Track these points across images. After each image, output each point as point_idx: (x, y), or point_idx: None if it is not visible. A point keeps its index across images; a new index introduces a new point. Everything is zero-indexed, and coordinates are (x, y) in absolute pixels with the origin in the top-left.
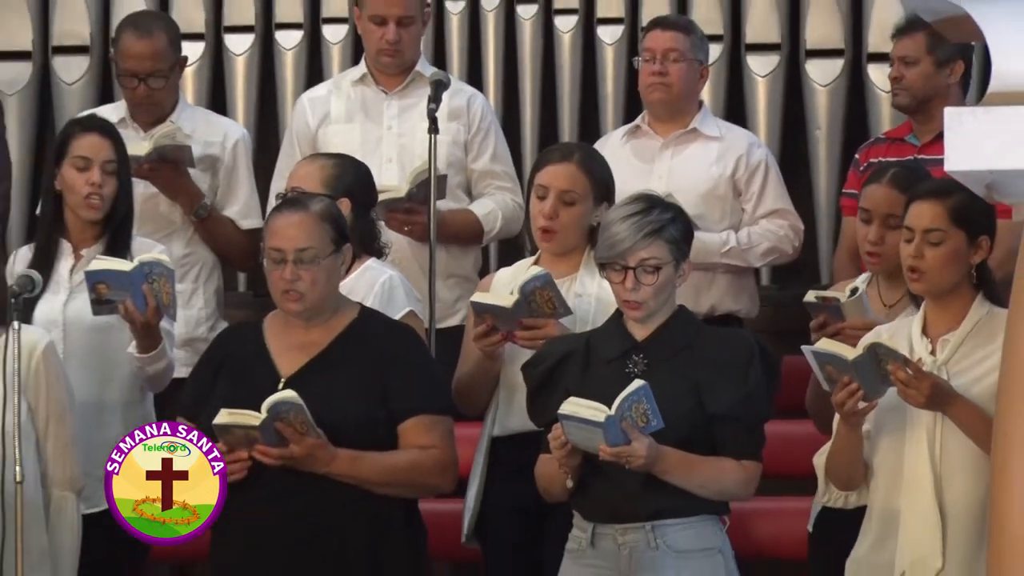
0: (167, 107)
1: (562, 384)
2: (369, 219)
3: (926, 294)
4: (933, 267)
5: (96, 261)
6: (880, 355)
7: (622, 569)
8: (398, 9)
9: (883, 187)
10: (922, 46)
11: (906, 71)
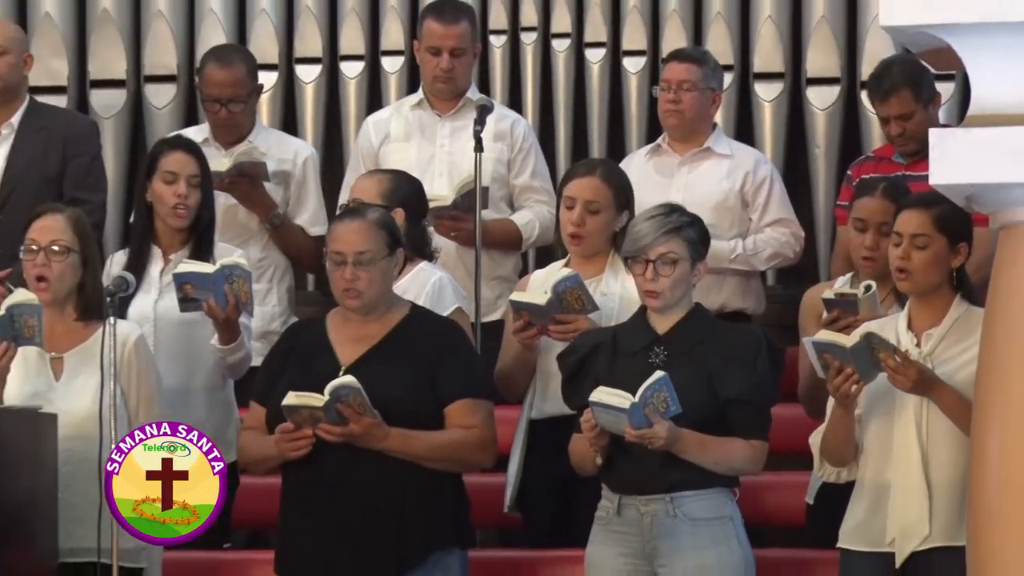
0: (245, 129)
1: (592, 373)
2: (421, 227)
3: (911, 292)
4: (918, 268)
5: (183, 264)
6: (873, 344)
7: (644, 535)
8: (452, 41)
9: (876, 199)
10: (910, 100)
11: (905, 125)
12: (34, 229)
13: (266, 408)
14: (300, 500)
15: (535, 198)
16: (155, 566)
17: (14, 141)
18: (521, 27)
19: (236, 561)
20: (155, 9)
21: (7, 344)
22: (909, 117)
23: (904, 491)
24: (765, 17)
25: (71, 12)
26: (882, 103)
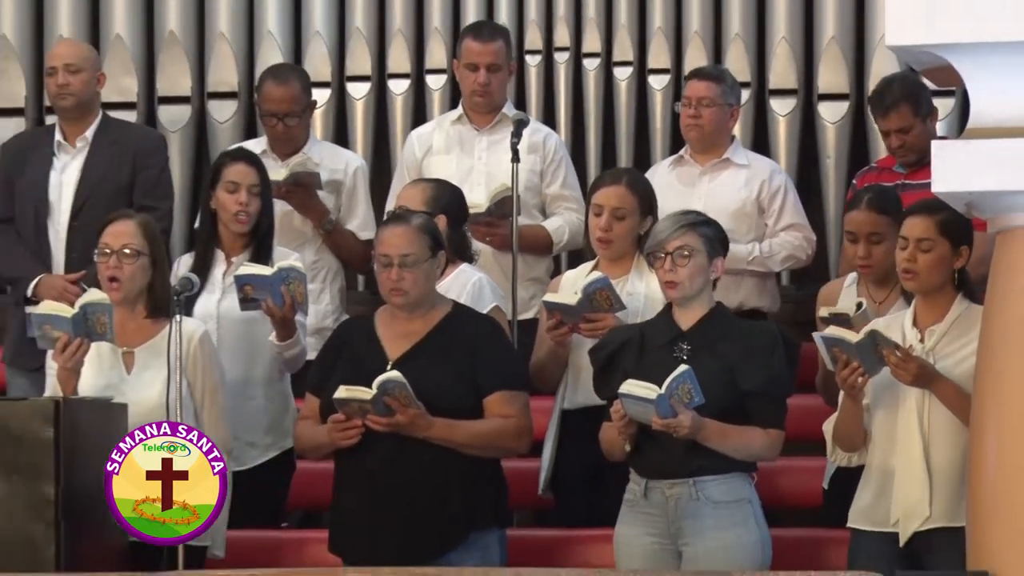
0: (300, 141)
1: (621, 366)
2: (462, 232)
3: (917, 291)
4: (924, 269)
5: (243, 267)
6: (877, 340)
7: (669, 516)
8: (488, 58)
9: (862, 212)
10: (909, 114)
11: (904, 138)
12: (107, 234)
13: (320, 399)
14: (351, 484)
15: (565, 206)
16: (218, 544)
17: (88, 154)
18: (555, 47)
19: (293, 539)
20: (217, 31)
21: (81, 339)
22: (908, 130)
23: (907, 476)
24: (779, 38)
25: (140, 33)
26: (883, 117)
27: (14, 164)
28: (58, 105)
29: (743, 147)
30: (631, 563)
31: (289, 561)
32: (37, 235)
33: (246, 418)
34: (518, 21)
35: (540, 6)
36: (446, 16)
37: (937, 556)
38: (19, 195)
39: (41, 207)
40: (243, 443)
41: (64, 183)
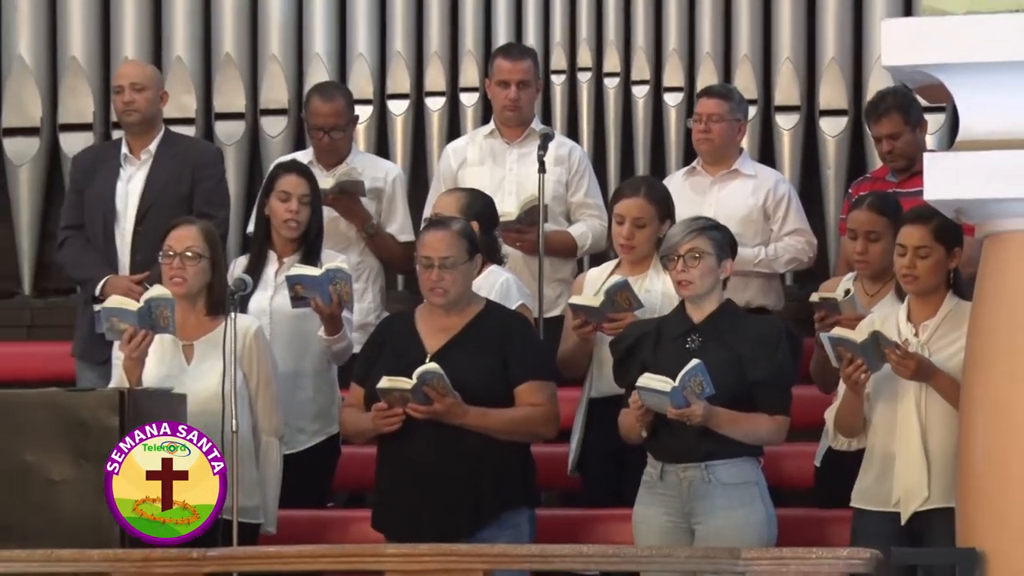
0: (344, 152)
1: (639, 357)
2: (492, 236)
3: (917, 294)
4: (923, 274)
5: (294, 268)
6: (879, 340)
7: (683, 497)
8: (518, 75)
9: (863, 211)
10: (900, 122)
11: (894, 144)
12: (171, 238)
13: (364, 389)
14: (393, 467)
15: (589, 213)
16: (270, 522)
17: (152, 165)
18: (578, 68)
19: (339, 518)
20: (270, 53)
21: (146, 331)
22: (898, 137)
23: (907, 460)
24: (784, 58)
25: (198, 55)
26: (876, 123)
27: (84, 175)
28: (124, 121)
29: (750, 159)
30: (648, 540)
31: (335, 538)
32: (105, 240)
33: (296, 406)
34: (544, 43)
35: (565, 29)
36: (478, 39)
37: (936, 534)
38: (88, 203)
39: (108, 214)
40: (293, 429)
41: (130, 192)
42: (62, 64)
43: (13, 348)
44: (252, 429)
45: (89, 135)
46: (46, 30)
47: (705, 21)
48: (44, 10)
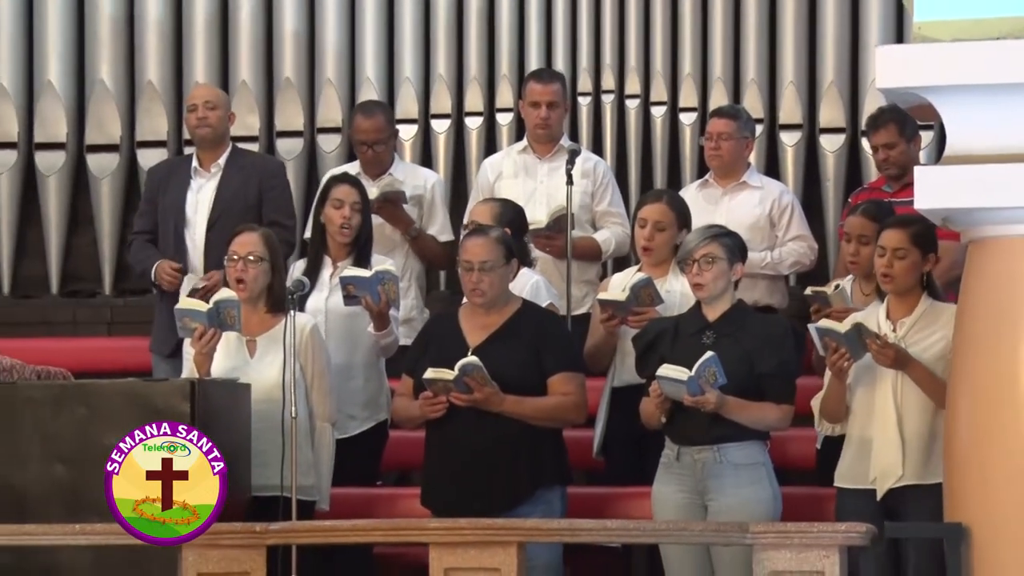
0: (387, 163)
1: (659, 351)
2: (522, 242)
3: (893, 292)
4: (900, 274)
5: (347, 270)
6: (861, 331)
7: (697, 476)
8: (548, 97)
9: (857, 218)
10: (895, 132)
11: (889, 153)
12: (235, 243)
13: (413, 380)
14: (439, 450)
15: (612, 221)
16: (324, 499)
17: (221, 178)
18: (602, 90)
19: (387, 496)
20: (325, 77)
21: (215, 329)
22: (893, 147)
23: (883, 442)
24: (788, 82)
25: (261, 79)
26: (874, 134)
27: (158, 187)
28: (196, 135)
29: (757, 172)
30: (666, 515)
31: (383, 513)
32: (176, 245)
33: (348, 395)
34: (572, 68)
35: (590, 56)
36: (512, 64)
37: (910, 508)
38: (162, 212)
39: (179, 222)
40: (345, 416)
41: (200, 202)
42: (139, 87)
43: (95, 343)
44: (308, 416)
45: (164, 151)
46: (124, 57)
47: (717, 48)
48: (123, 38)
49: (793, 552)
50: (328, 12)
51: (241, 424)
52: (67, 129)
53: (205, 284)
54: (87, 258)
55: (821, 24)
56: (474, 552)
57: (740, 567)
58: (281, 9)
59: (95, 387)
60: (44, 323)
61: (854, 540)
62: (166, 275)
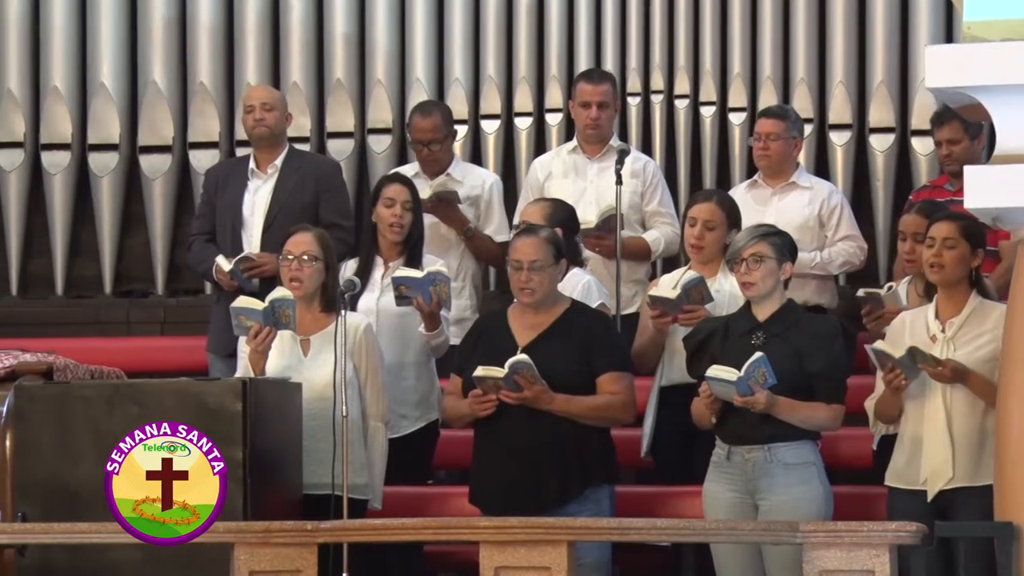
0: (444, 163)
1: (709, 351)
2: (574, 241)
3: (941, 283)
4: (949, 263)
5: (399, 270)
6: (915, 355)
7: (747, 475)
8: (598, 97)
9: (912, 216)
10: (960, 129)
11: (953, 149)
12: (289, 243)
13: (462, 378)
14: (488, 448)
15: (661, 221)
16: (376, 498)
17: (277, 178)
18: (651, 90)
19: (439, 494)
20: (375, 78)
21: (270, 328)
22: (957, 143)
23: (933, 443)
24: (837, 81)
25: (312, 80)
26: (939, 129)
27: (216, 188)
28: (253, 135)
29: (807, 172)
30: (716, 514)
31: (434, 512)
32: (234, 246)
33: (399, 395)
34: (621, 68)
35: (640, 56)
36: (562, 65)
37: (959, 510)
38: (219, 213)
39: (237, 223)
40: (397, 415)
41: (256, 203)
42: (191, 89)
43: (149, 342)
44: (361, 415)
45: (216, 152)
46: (177, 58)
47: (766, 48)
48: (175, 40)
49: (843, 551)
50: (378, 13)
51: (293, 423)
52: (120, 130)
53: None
54: (140, 258)
55: (871, 24)
56: (524, 551)
57: (790, 566)
58: (332, 11)
59: (148, 386)
60: (97, 323)
61: (904, 539)
62: (222, 274)
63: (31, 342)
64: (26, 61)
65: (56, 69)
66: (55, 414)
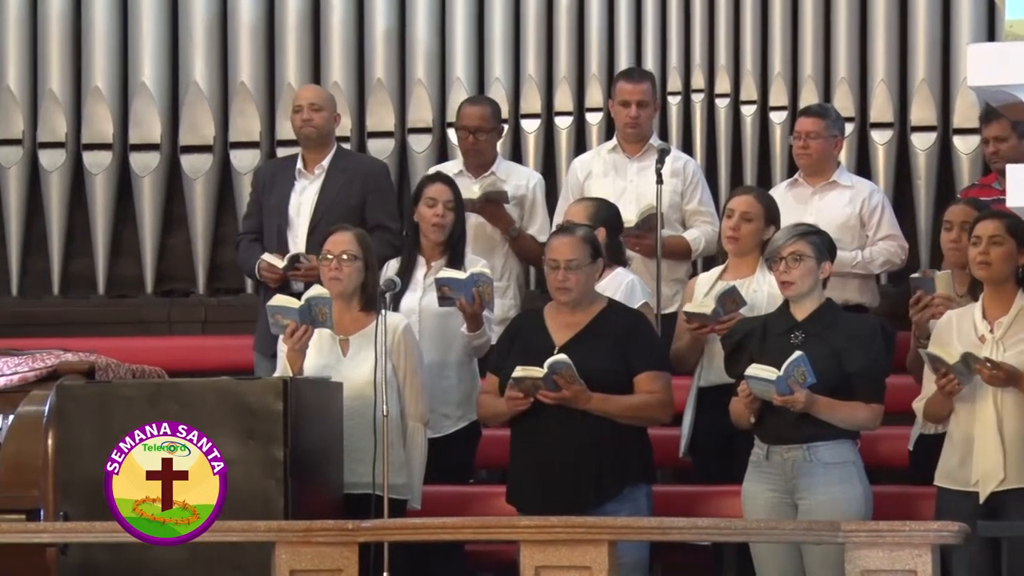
0: (488, 158)
1: (747, 351)
2: (617, 241)
3: (988, 280)
4: (996, 260)
5: (442, 272)
6: (969, 361)
7: (787, 475)
8: (637, 96)
9: (960, 206)
10: (1007, 127)
11: (1000, 146)
12: (329, 242)
13: (498, 377)
14: (525, 447)
15: (702, 220)
16: (416, 498)
17: (324, 179)
18: (692, 89)
19: (479, 494)
20: (416, 78)
21: (306, 326)
22: (1004, 140)
23: (984, 444)
24: (879, 80)
25: (353, 80)
26: (986, 126)
27: (264, 188)
28: (301, 135)
29: (848, 171)
30: (755, 514)
31: (475, 512)
32: (279, 246)
33: (441, 394)
34: (662, 67)
35: (680, 55)
36: (602, 64)
37: (1011, 511)
38: (267, 213)
39: (283, 223)
40: (439, 415)
41: (303, 203)
42: (232, 88)
43: (190, 341)
44: (400, 414)
45: (256, 152)
46: (218, 58)
47: (807, 46)
48: (216, 40)
49: (885, 551)
50: (419, 13)
51: (333, 422)
52: (161, 130)
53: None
54: (181, 258)
55: (912, 22)
56: (565, 550)
57: (831, 566)
58: (372, 10)
59: (189, 385)
60: (139, 322)
61: (947, 539)
62: (265, 271)
63: (73, 341)
64: (68, 61)
65: (98, 69)
66: (96, 413)
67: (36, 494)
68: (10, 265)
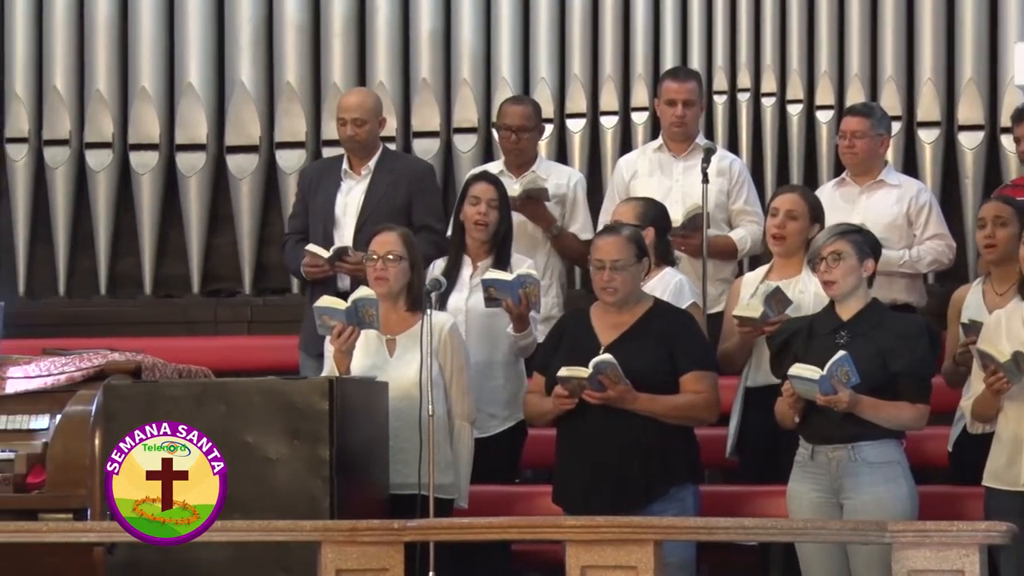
0: (530, 157)
1: (793, 350)
2: (666, 240)
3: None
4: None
5: (489, 273)
6: (1018, 359)
7: (832, 475)
8: (683, 95)
9: (992, 203)
10: None
11: None
12: (374, 242)
13: (544, 376)
14: (571, 447)
15: (748, 219)
16: (462, 497)
17: (370, 181)
18: (738, 89)
19: (525, 493)
20: (461, 78)
21: (353, 327)
22: None
23: None
24: (926, 79)
25: (398, 80)
26: (1017, 125)
27: (310, 188)
28: (346, 146)
29: (895, 170)
30: (801, 514)
31: (521, 511)
32: (325, 246)
33: (488, 394)
34: (707, 67)
35: (726, 54)
36: (648, 63)
37: None
38: (313, 213)
39: (329, 223)
40: (485, 415)
41: (348, 204)
42: (278, 89)
43: (236, 341)
44: (447, 414)
45: (302, 152)
46: (263, 59)
47: (854, 45)
48: (262, 41)
49: (932, 551)
50: (464, 13)
51: (379, 422)
52: (207, 131)
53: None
54: (227, 258)
55: (959, 21)
56: (611, 550)
57: (877, 566)
58: (418, 10)
59: (235, 385)
60: (185, 322)
61: (994, 539)
62: (308, 264)
63: (119, 341)
64: (115, 62)
65: (144, 70)
66: (143, 413)
67: (83, 493)
68: (57, 265)
